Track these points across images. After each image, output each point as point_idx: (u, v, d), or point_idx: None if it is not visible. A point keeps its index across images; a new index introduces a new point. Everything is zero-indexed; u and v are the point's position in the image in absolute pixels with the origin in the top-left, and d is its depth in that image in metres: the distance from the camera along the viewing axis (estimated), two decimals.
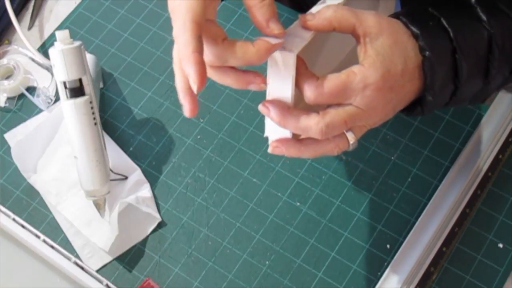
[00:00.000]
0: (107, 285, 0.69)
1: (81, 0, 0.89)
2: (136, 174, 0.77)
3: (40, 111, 0.81)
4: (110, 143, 0.78)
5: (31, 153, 0.78)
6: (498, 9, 0.57)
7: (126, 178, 0.77)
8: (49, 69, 0.83)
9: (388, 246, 0.72)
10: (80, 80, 0.69)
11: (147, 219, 0.74)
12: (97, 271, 0.72)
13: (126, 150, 0.79)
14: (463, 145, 0.76)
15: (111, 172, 0.74)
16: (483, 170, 0.73)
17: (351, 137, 0.53)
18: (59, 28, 0.87)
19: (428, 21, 0.55)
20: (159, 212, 0.75)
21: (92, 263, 0.72)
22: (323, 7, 0.52)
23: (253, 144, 0.78)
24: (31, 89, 0.82)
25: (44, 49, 0.85)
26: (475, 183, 0.72)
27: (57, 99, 0.81)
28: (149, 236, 0.74)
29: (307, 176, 0.76)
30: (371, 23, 0.52)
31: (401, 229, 0.72)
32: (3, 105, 0.82)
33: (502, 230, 0.72)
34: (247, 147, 0.78)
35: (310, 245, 0.72)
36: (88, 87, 0.70)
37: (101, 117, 0.78)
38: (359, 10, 0.52)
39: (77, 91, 0.69)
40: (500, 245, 0.71)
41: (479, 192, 0.72)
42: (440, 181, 0.74)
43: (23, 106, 0.82)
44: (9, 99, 0.82)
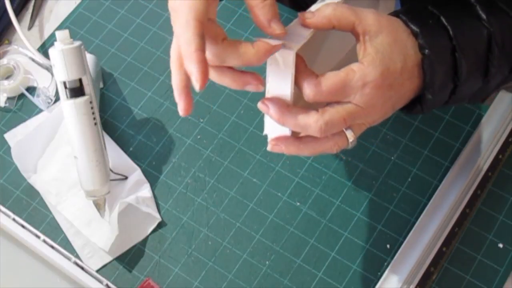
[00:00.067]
0: (107, 285, 0.69)
1: (81, 0, 0.89)
2: (136, 174, 0.77)
3: (40, 111, 0.81)
4: (110, 143, 0.78)
5: (31, 153, 0.78)
6: (497, 8, 0.57)
7: (126, 178, 0.77)
8: (49, 69, 0.83)
9: (388, 246, 0.72)
10: (80, 80, 0.69)
11: (147, 219, 0.74)
12: (97, 271, 0.72)
13: (126, 150, 0.79)
14: (463, 145, 0.76)
15: (111, 172, 0.74)
16: (483, 170, 0.73)
17: (350, 135, 0.53)
18: (59, 28, 0.87)
19: (427, 19, 0.55)
20: (159, 212, 0.75)
21: (92, 263, 0.72)
22: (323, 5, 0.52)
23: (253, 144, 0.78)
24: (31, 89, 0.82)
25: (44, 49, 0.85)
26: (475, 183, 0.72)
27: (57, 99, 0.81)
28: (149, 236, 0.74)
29: (307, 176, 0.76)
30: (371, 21, 0.52)
31: (401, 229, 0.72)
32: (3, 105, 0.82)
33: (502, 230, 0.72)
34: (247, 147, 0.78)
35: (310, 245, 0.72)
36: (88, 87, 0.70)
37: (101, 117, 0.78)
38: (358, 8, 0.52)
39: (77, 91, 0.69)
40: (500, 245, 0.71)
41: (479, 192, 0.72)
42: (440, 181, 0.74)
43: (23, 106, 0.82)
44: (9, 99, 0.82)
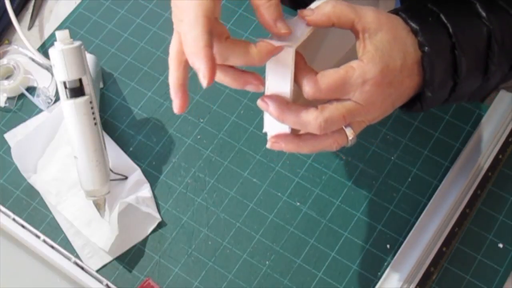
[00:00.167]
0: (107, 285, 0.69)
1: (81, 0, 0.89)
2: (136, 174, 0.77)
3: (40, 111, 0.81)
4: (110, 143, 0.78)
5: (31, 153, 0.78)
6: (497, 5, 0.57)
7: (126, 178, 0.77)
8: (49, 69, 0.83)
9: (388, 246, 0.72)
10: (80, 80, 0.69)
11: (147, 219, 0.74)
12: (97, 271, 0.72)
13: (126, 150, 0.79)
14: (463, 145, 0.76)
15: (111, 172, 0.74)
16: (483, 170, 0.73)
17: (349, 133, 0.53)
18: (59, 28, 0.87)
19: (427, 17, 0.55)
20: (159, 212, 0.75)
21: (92, 263, 0.72)
22: (322, 3, 0.52)
23: (253, 144, 0.78)
24: (31, 89, 0.82)
25: (44, 49, 0.85)
26: (475, 183, 0.72)
27: (57, 99, 0.81)
28: (149, 236, 0.74)
29: (307, 176, 0.76)
30: (370, 19, 0.52)
31: (401, 229, 0.72)
32: (3, 105, 0.82)
33: (502, 230, 0.72)
34: (247, 147, 0.78)
35: (310, 245, 0.72)
36: (88, 87, 0.70)
37: (101, 117, 0.78)
38: (358, 5, 0.52)
39: (77, 91, 0.69)
40: (500, 245, 0.71)
41: (479, 192, 0.72)
42: (440, 181, 0.74)
43: (23, 106, 0.82)
44: (9, 99, 0.82)
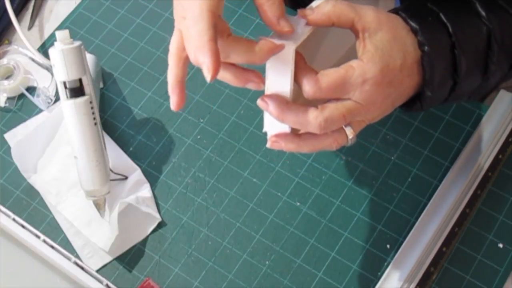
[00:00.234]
0: (107, 285, 0.69)
1: (81, 0, 0.89)
2: (136, 174, 0.77)
3: (40, 111, 0.81)
4: (110, 143, 0.78)
5: (31, 153, 0.78)
6: (497, 5, 0.57)
7: (126, 178, 0.77)
8: (49, 69, 0.83)
9: (388, 246, 0.72)
10: (80, 80, 0.69)
11: (147, 219, 0.74)
12: (97, 271, 0.72)
13: (126, 150, 0.79)
14: (463, 145, 0.76)
15: (111, 172, 0.74)
16: (483, 170, 0.73)
17: (349, 132, 0.53)
18: (59, 28, 0.87)
19: (427, 16, 0.55)
20: (159, 212, 0.75)
21: (92, 263, 0.72)
22: (322, 2, 0.52)
23: (253, 144, 0.78)
24: (31, 89, 0.82)
25: (44, 49, 0.85)
26: (475, 183, 0.72)
27: (57, 99, 0.81)
28: (149, 236, 0.74)
29: (307, 176, 0.76)
30: (370, 18, 0.52)
31: (401, 229, 0.72)
32: (3, 105, 0.82)
33: (502, 230, 0.72)
34: (247, 147, 0.78)
35: (310, 245, 0.72)
36: (88, 87, 0.70)
37: (101, 117, 0.78)
38: (358, 5, 0.52)
39: (77, 91, 0.69)
40: (500, 245, 0.71)
41: (479, 192, 0.72)
42: (440, 181, 0.74)
43: (23, 106, 0.82)
44: (9, 99, 0.82)
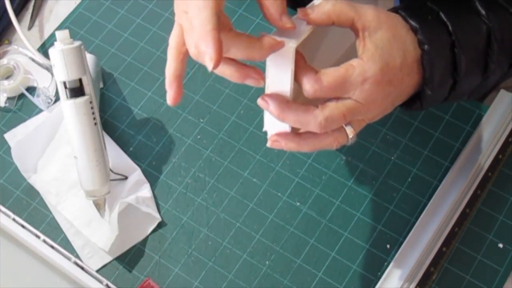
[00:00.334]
0: (107, 285, 0.69)
1: (81, 0, 0.89)
2: (136, 174, 0.77)
3: (40, 111, 0.81)
4: (110, 143, 0.78)
5: (31, 153, 0.78)
6: (497, 4, 0.57)
7: (126, 178, 0.77)
8: (49, 69, 0.83)
9: (388, 246, 0.72)
10: (80, 80, 0.69)
11: (147, 219, 0.74)
12: (97, 271, 0.72)
13: (126, 150, 0.79)
14: (463, 145, 0.76)
15: (111, 172, 0.74)
16: (483, 170, 0.73)
17: (350, 131, 0.53)
18: (59, 28, 0.87)
19: (427, 15, 0.55)
20: (159, 212, 0.75)
21: (92, 263, 0.72)
22: (322, 1, 0.52)
23: (253, 144, 0.78)
24: (31, 89, 0.82)
25: (44, 49, 0.85)
26: (475, 183, 0.72)
27: (57, 99, 0.81)
28: (149, 236, 0.74)
29: (307, 176, 0.76)
30: (370, 17, 0.52)
31: (401, 229, 0.72)
32: (3, 105, 0.82)
33: (502, 230, 0.72)
34: (247, 147, 0.78)
35: (310, 245, 0.72)
36: (88, 87, 0.70)
37: (101, 117, 0.78)
38: (357, 4, 0.52)
39: (77, 91, 0.69)
40: (500, 245, 0.71)
41: (479, 192, 0.72)
42: (440, 181, 0.74)
43: (23, 106, 0.82)
44: (9, 99, 0.82)
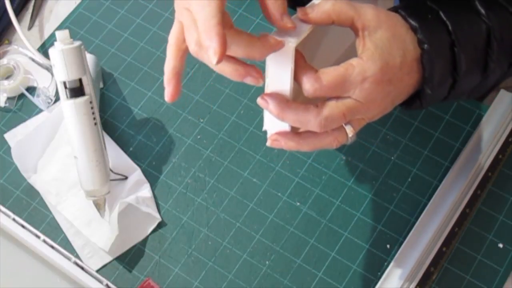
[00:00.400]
0: (107, 285, 0.69)
1: (81, 0, 0.89)
2: (136, 174, 0.77)
3: (40, 111, 0.81)
4: (110, 143, 0.78)
5: (31, 153, 0.78)
6: (496, 3, 0.57)
7: (126, 178, 0.77)
8: (49, 69, 0.83)
9: (388, 246, 0.72)
10: (80, 80, 0.69)
11: (147, 219, 0.74)
12: (97, 271, 0.72)
13: (126, 150, 0.79)
14: (463, 145, 0.76)
15: (111, 172, 0.74)
16: (483, 170, 0.73)
17: (349, 130, 0.53)
18: (59, 28, 0.87)
19: (426, 14, 0.55)
20: (159, 212, 0.75)
21: (92, 263, 0.72)
22: (322, 0, 0.52)
23: (253, 144, 0.78)
24: (31, 89, 0.82)
25: (44, 49, 0.85)
26: (475, 183, 0.72)
27: (57, 99, 0.81)
28: (149, 236, 0.74)
29: (307, 176, 0.76)
30: (370, 16, 0.52)
31: (401, 229, 0.72)
32: (3, 105, 0.82)
33: (502, 230, 0.72)
34: (247, 147, 0.78)
35: (310, 245, 0.72)
36: (88, 87, 0.70)
37: (101, 117, 0.78)
38: (357, 3, 0.53)
39: (77, 91, 0.69)
40: (500, 245, 0.71)
41: (479, 192, 0.72)
42: (440, 181, 0.74)
43: (23, 106, 0.82)
44: (9, 99, 0.82)
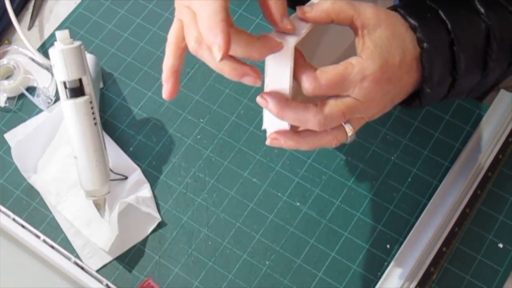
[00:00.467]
0: (107, 285, 0.69)
1: (81, 0, 0.89)
2: (136, 174, 0.77)
3: (40, 111, 0.81)
4: (110, 143, 0.78)
5: (31, 153, 0.78)
6: (496, 2, 0.57)
7: (126, 178, 0.77)
8: (49, 69, 0.83)
9: (388, 246, 0.72)
10: (80, 80, 0.69)
11: (147, 219, 0.74)
12: (97, 271, 0.72)
13: (126, 150, 0.79)
14: (463, 145, 0.76)
15: (111, 172, 0.74)
16: (483, 170, 0.73)
17: (349, 129, 0.53)
18: (59, 28, 0.87)
19: (426, 13, 0.55)
20: (159, 212, 0.75)
21: (92, 263, 0.72)
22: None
23: (253, 144, 0.78)
24: (31, 89, 0.82)
25: (44, 49, 0.85)
26: (475, 183, 0.72)
27: (57, 99, 0.81)
28: (149, 236, 0.74)
29: (307, 176, 0.76)
30: (369, 15, 0.52)
31: (401, 229, 0.72)
32: (3, 105, 0.82)
33: (502, 230, 0.72)
34: (247, 147, 0.78)
35: (310, 245, 0.72)
36: (88, 87, 0.70)
37: (101, 117, 0.78)
38: (357, 2, 0.53)
39: (77, 91, 0.69)
40: (500, 245, 0.71)
41: (479, 192, 0.72)
42: (440, 181, 0.74)
43: (23, 106, 0.82)
44: (9, 99, 0.82)
